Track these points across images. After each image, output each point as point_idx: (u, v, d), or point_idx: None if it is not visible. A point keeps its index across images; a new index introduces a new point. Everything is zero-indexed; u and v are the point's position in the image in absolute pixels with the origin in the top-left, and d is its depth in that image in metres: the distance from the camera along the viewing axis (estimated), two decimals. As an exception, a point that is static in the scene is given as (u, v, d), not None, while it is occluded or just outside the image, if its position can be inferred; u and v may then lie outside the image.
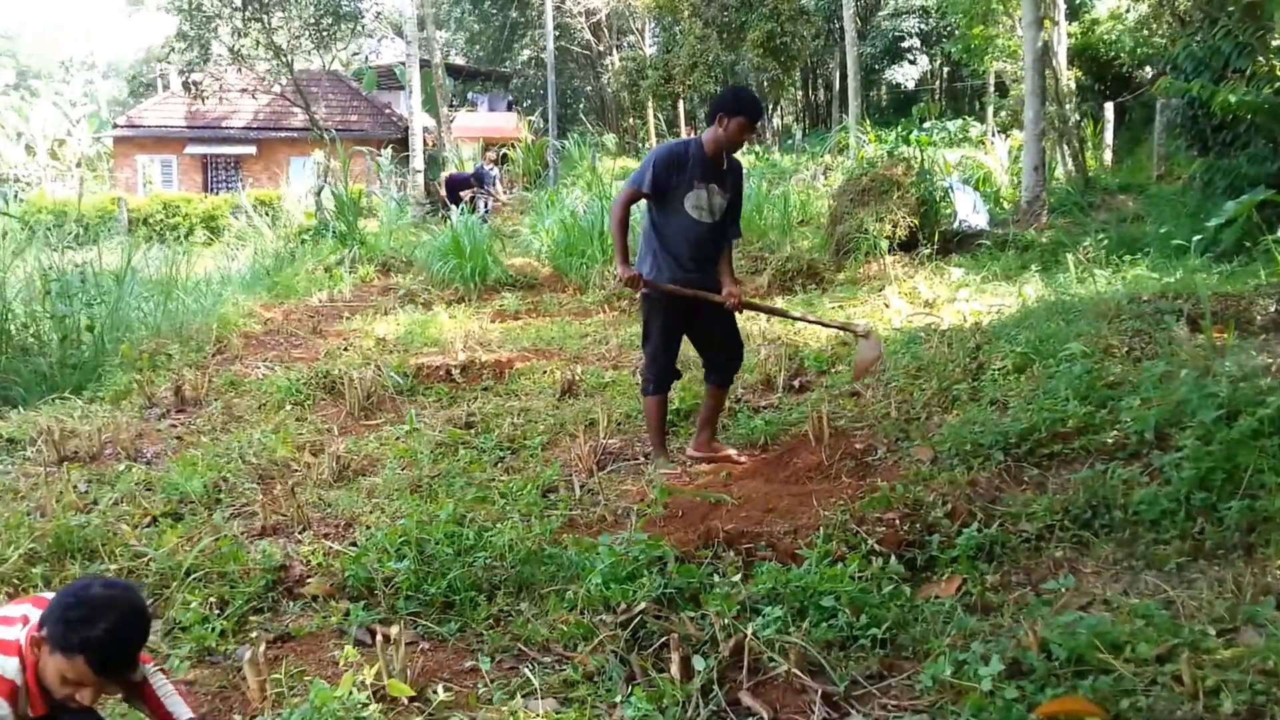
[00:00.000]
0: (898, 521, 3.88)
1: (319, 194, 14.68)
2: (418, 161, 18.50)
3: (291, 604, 3.81)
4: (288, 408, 6.89)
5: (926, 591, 3.54)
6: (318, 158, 23.50)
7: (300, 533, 4.51)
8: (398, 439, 6.10)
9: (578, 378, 7.26)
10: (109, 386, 7.40)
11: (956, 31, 20.59)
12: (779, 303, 9.72)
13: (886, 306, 9.09)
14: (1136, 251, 9.59)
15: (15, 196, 24.77)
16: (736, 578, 3.60)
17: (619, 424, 6.15)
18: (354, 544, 4.24)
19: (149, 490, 5.12)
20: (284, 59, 18.13)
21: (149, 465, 5.66)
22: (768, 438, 5.60)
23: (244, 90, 19.16)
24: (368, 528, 4.41)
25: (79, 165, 36.69)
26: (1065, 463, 4.23)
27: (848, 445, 4.88)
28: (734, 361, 5.56)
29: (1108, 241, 10.04)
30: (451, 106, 32.35)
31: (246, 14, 17.86)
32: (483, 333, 9.54)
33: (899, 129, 14.28)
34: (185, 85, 19.02)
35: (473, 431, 6.15)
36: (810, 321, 6.47)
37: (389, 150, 18.77)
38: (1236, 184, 10.60)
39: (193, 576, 3.88)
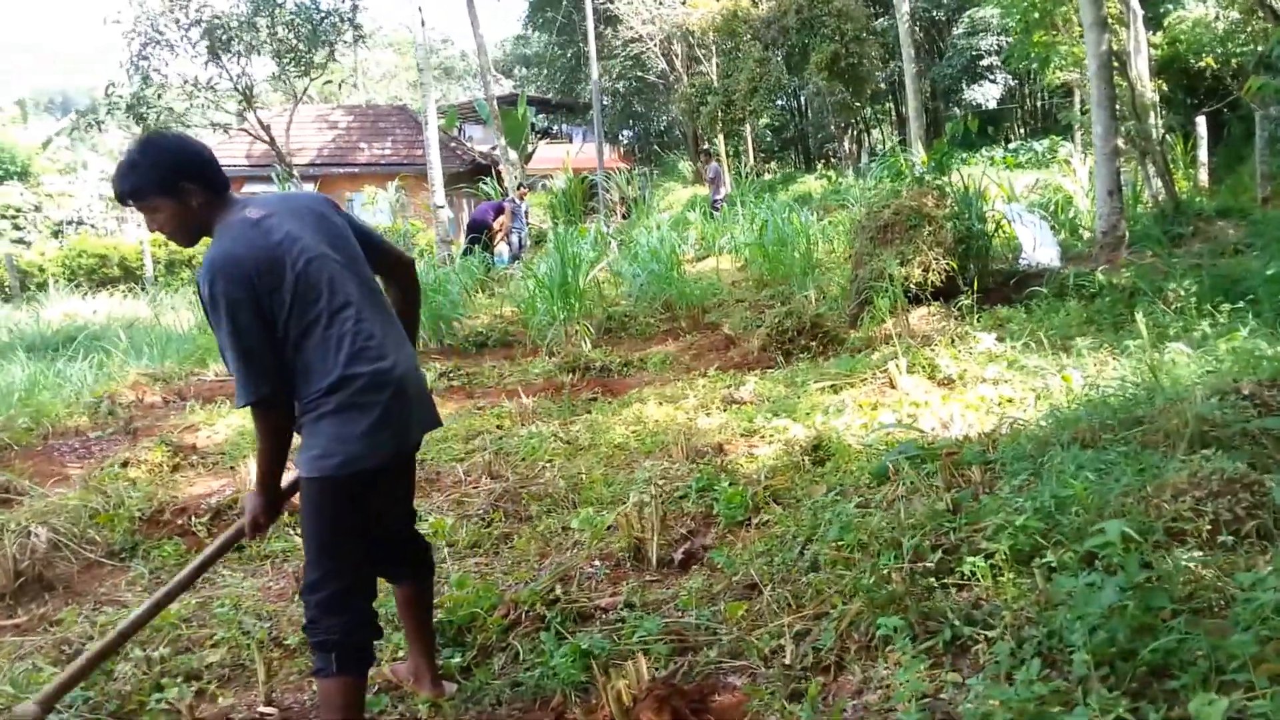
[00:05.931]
0: None
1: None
2: (438, 196, 16.37)
3: None
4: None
5: None
6: (368, 191, 21.65)
7: None
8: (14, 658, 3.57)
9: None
10: None
11: (1012, 39, 17.64)
12: (752, 379, 7.15)
13: (891, 388, 6.38)
14: (1238, 299, 6.76)
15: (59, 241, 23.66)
16: None
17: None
18: None
19: None
20: (246, 91, 16.21)
21: None
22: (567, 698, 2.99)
23: (212, 125, 17.36)
24: None
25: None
26: None
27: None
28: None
29: (1198, 286, 7.29)
30: (534, 137, 30.51)
31: (207, 44, 16.04)
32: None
33: (939, 152, 11.45)
34: (137, 116, 17.22)
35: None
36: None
37: (394, 183, 16.59)
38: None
39: None
